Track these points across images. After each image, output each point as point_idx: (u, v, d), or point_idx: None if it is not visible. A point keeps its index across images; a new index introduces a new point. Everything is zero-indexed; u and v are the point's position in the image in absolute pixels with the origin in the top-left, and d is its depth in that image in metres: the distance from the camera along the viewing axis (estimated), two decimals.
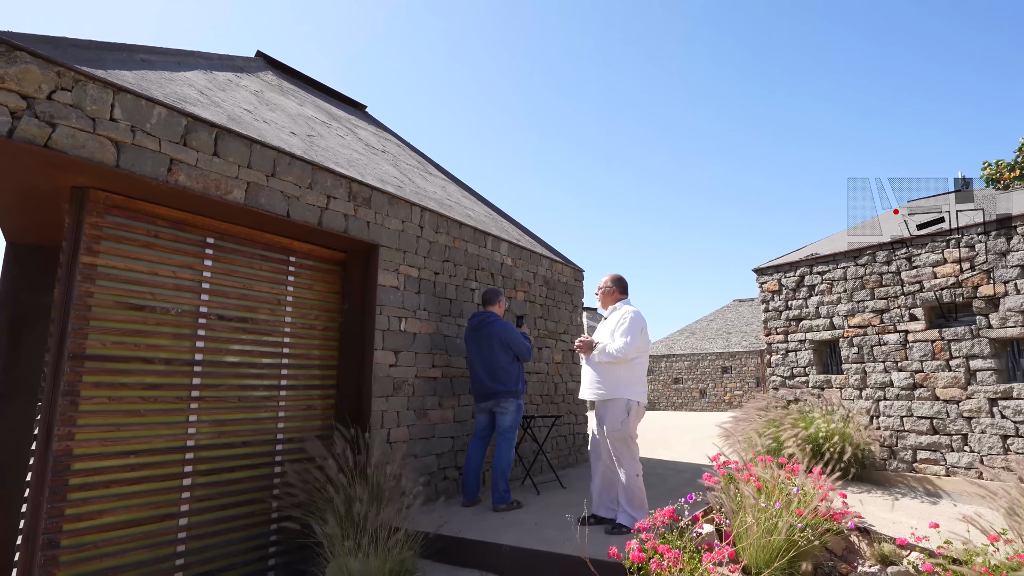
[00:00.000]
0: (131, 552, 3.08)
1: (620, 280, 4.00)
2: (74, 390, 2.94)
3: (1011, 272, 5.34)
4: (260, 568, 3.69)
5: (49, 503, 2.80)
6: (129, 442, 3.15)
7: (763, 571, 3.24)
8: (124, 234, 3.23)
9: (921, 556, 4.01)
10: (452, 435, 4.96)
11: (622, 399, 3.65)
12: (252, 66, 6.68)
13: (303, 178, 3.90)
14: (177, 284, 3.46)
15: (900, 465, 5.96)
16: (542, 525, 3.85)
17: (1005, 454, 5.22)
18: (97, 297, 3.09)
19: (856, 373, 6.40)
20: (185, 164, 3.22)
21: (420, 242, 4.86)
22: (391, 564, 3.13)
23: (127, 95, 3.00)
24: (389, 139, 8.10)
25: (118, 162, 2.92)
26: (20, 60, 2.61)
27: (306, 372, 4.19)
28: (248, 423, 3.77)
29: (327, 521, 3.30)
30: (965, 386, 5.55)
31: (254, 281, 3.90)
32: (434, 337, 4.89)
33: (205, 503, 3.45)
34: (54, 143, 2.69)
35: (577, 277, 7.47)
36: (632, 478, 3.65)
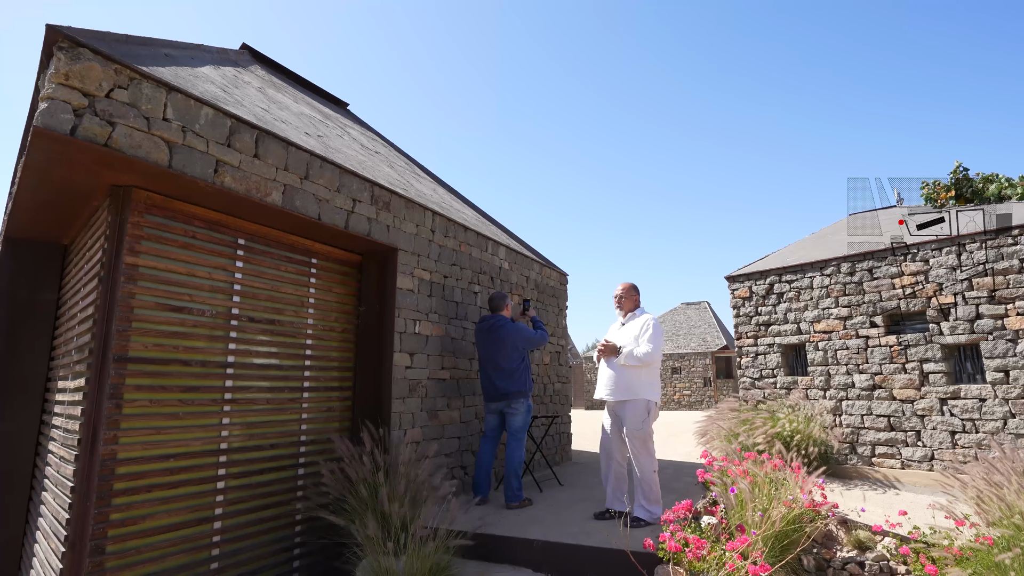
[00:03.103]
0: (171, 556, 3.05)
1: (636, 288, 4.24)
2: (118, 393, 2.89)
3: (960, 285, 5.96)
4: (286, 570, 3.70)
5: (96, 508, 2.74)
6: (168, 445, 3.11)
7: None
8: (163, 234, 3.18)
9: (894, 541, 4.44)
10: (459, 435, 5.07)
11: (643, 400, 3.88)
12: (243, 61, 6.53)
13: (332, 181, 3.92)
14: (212, 286, 3.43)
15: (859, 460, 6.51)
16: (561, 521, 4.03)
17: (954, 448, 5.83)
18: (139, 298, 3.03)
19: (821, 375, 6.94)
20: (230, 166, 3.20)
21: (431, 246, 4.94)
22: (430, 562, 3.23)
23: (178, 94, 2.97)
24: (376, 139, 8.07)
25: (170, 162, 2.89)
26: (83, 57, 2.56)
27: (326, 374, 4.20)
28: (275, 425, 3.76)
29: (365, 521, 3.36)
30: (919, 387, 6.14)
31: (280, 283, 3.89)
32: (443, 339, 4.99)
33: (237, 506, 3.44)
34: (113, 142, 2.65)
35: (562, 281, 7.71)
36: (649, 474, 3.89)
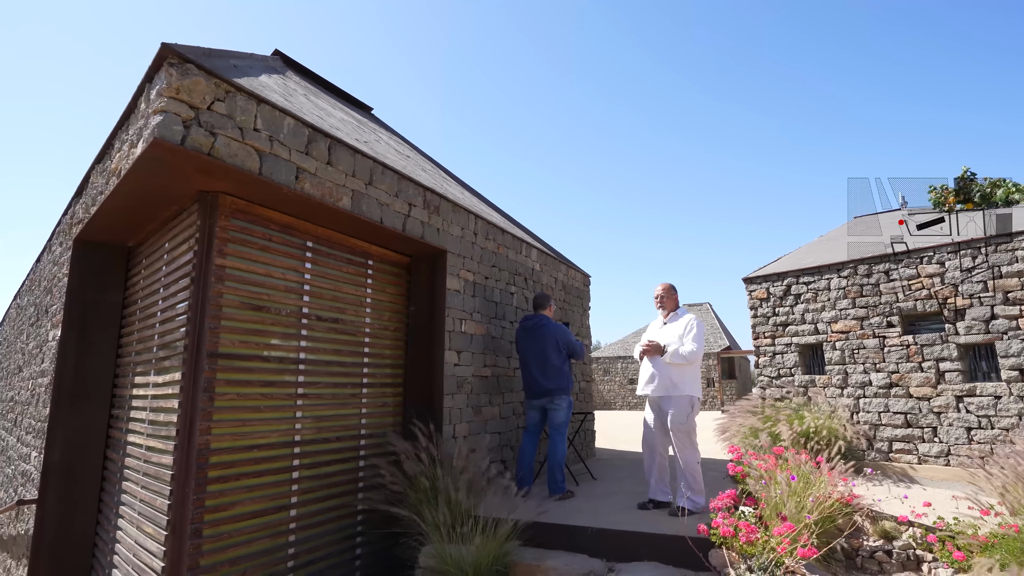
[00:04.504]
0: (256, 541, 3.23)
1: (675, 287, 4.45)
2: (211, 386, 3.07)
3: (975, 287, 6.20)
4: (349, 557, 3.88)
5: (194, 495, 2.92)
6: (252, 436, 3.30)
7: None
8: (245, 237, 3.37)
9: (920, 530, 4.65)
10: (500, 430, 5.26)
11: (687, 396, 4.09)
12: (280, 68, 6.71)
13: (392, 187, 4.11)
14: (286, 286, 3.61)
15: (877, 455, 6.74)
16: (605, 510, 4.23)
17: (970, 444, 6.05)
18: (226, 298, 3.22)
19: (839, 374, 7.16)
20: (308, 172, 3.39)
21: (474, 248, 5.14)
22: (496, 549, 3.42)
23: (266, 106, 3.16)
24: (403, 143, 8.26)
25: (260, 170, 3.08)
26: (190, 72, 2.74)
27: (381, 371, 4.39)
28: (339, 419, 3.95)
29: (431, 510, 3.55)
30: (935, 385, 6.37)
31: (342, 283, 4.08)
32: (485, 338, 5.18)
33: (309, 495, 3.62)
34: (215, 151, 2.83)
35: (585, 282, 7.91)
36: (693, 465, 4.10)
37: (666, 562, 3.47)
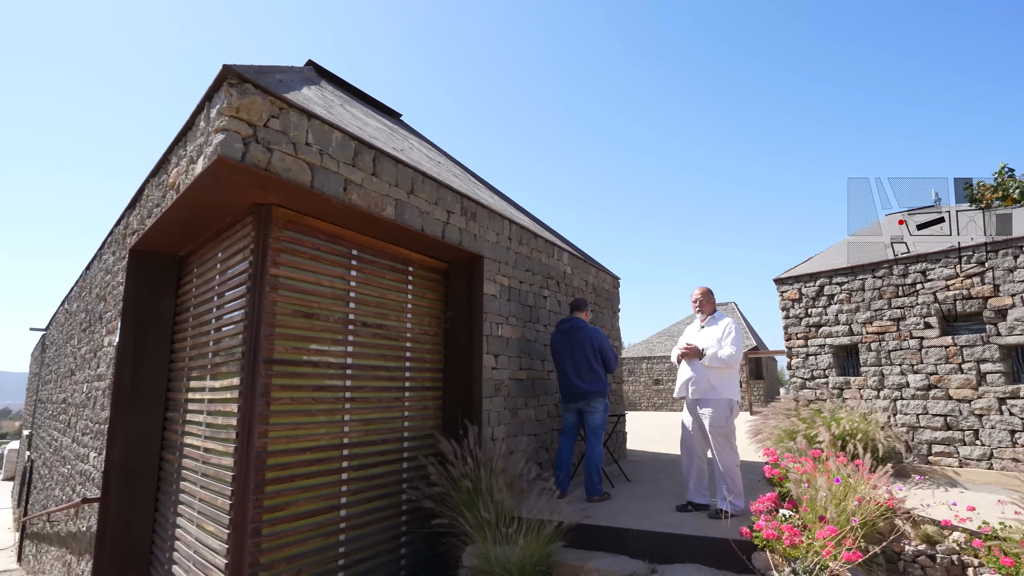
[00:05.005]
0: (309, 540, 3.36)
1: (712, 291, 4.47)
2: (267, 392, 3.20)
3: (1018, 286, 6.07)
4: (395, 556, 3.99)
5: (254, 495, 3.05)
6: (304, 439, 3.42)
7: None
8: (296, 247, 3.50)
9: (964, 535, 4.59)
10: (535, 432, 5.33)
11: (726, 399, 4.11)
12: (314, 78, 6.88)
13: (432, 195, 4.21)
14: (333, 293, 3.74)
15: (915, 458, 6.64)
16: (644, 512, 4.27)
17: (1013, 447, 5.94)
18: (280, 306, 3.35)
19: (874, 375, 7.07)
20: (355, 184, 3.51)
21: (509, 253, 5.22)
22: (541, 549, 3.49)
23: (316, 120, 3.28)
24: (433, 149, 8.38)
25: (312, 182, 3.20)
26: (249, 92, 2.87)
27: (422, 374, 4.50)
28: (384, 422, 4.06)
29: (475, 511, 3.63)
30: (976, 387, 6.26)
31: (385, 290, 4.19)
32: (521, 342, 5.25)
33: (358, 496, 3.74)
34: (271, 167, 2.96)
35: (615, 284, 7.94)
36: (732, 468, 4.11)
37: (708, 564, 3.51)
